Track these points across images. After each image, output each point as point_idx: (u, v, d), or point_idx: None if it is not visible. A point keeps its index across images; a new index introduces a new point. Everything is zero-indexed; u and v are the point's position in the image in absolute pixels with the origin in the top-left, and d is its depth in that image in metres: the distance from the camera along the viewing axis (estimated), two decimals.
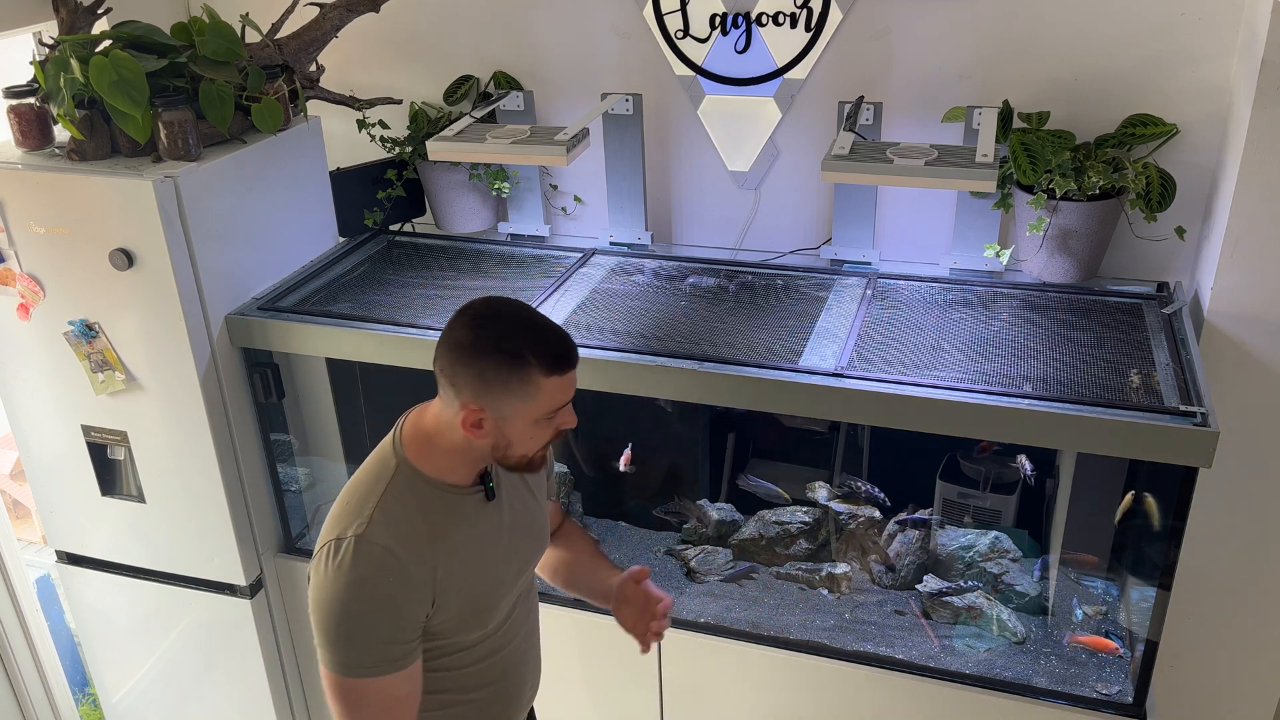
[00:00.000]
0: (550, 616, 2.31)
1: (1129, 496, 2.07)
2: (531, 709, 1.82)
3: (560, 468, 2.56)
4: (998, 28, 2.24)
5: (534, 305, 2.27)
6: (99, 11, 2.30)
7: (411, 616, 1.45)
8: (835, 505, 2.35)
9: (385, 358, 2.19)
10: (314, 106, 2.50)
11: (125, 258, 2.10)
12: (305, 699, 2.67)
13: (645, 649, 1.72)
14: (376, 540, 1.41)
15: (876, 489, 2.33)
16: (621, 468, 2.39)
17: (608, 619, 2.25)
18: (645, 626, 1.72)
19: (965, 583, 2.20)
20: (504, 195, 2.66)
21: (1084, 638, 2.12)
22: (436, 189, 2.64)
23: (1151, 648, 1.95)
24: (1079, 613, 2.17)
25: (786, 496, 2.41)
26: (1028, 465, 2.18)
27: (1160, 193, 2.14)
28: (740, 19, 2.40)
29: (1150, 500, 1.99)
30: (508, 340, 1.41)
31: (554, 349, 1.43)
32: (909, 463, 2.34)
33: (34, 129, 2.21)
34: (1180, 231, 2.21)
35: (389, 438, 1.52)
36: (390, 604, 1.42)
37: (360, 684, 1.42)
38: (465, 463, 1.50)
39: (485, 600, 1.56)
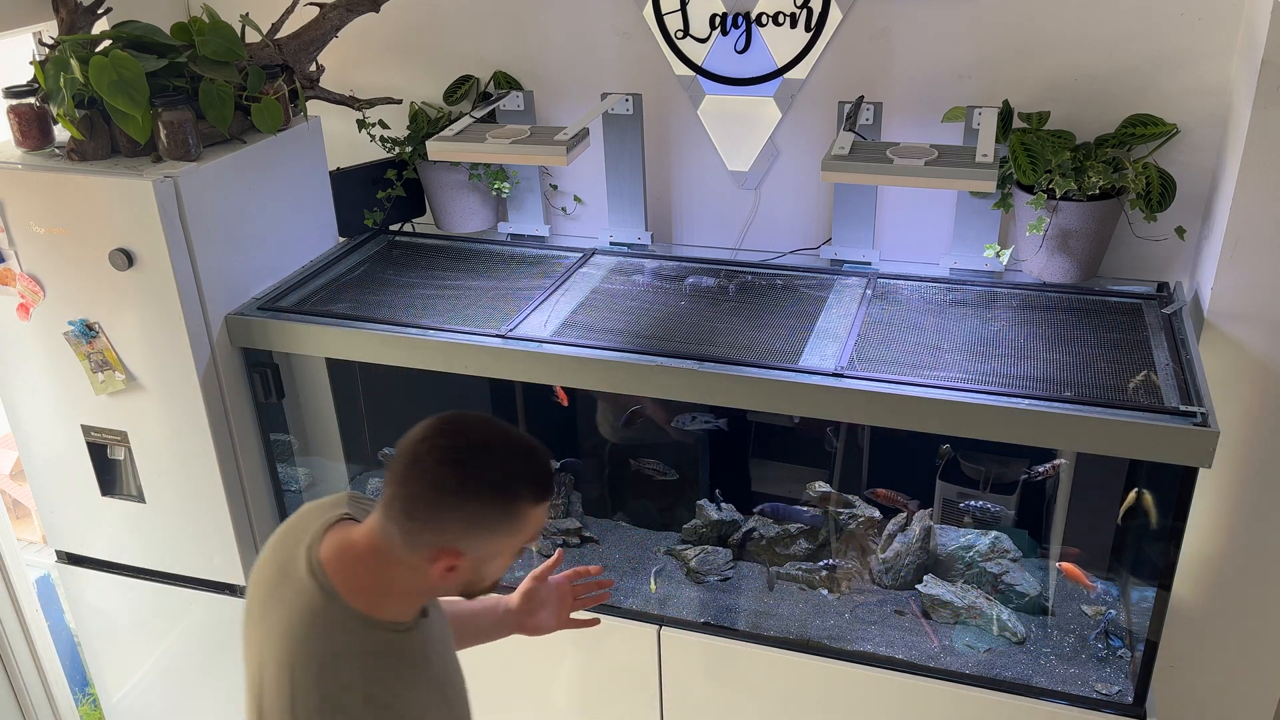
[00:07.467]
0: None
1: (1132, 494, 2.07)
2: None
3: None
4: (998, 28, 2.24)
5: (534, 305, 2.27)
6: (99, 11, 2.30)
7: None
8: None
9: (385, 358, 2.19)
10: (314, 106, 2.50)
11: (125, 258, 2.10)
12: None
13: (594, 621, 1.68)
14: (376, 718, 1.23)
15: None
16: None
17: (605, 618, 2.26)
18: (569, 606, 1.67)
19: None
20: (504, 195, 2.66)
21: (1066, 566, 2.18)
22: (436, 189, 2.64)
23: (1151, 648, 1.95)
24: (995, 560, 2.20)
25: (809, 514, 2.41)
26: (1040, 467, 2.17)
27: (1160, 193, 2.14)
28: (740, 19, 2.40)
29: (1150, 499, 1.99)
30: (499, 475, 1.23)
31: (542, 474, 1.27)
32: (909, 463, 2.34)
33: (34, 129, 2.21)
34: (1180, 231, 2.21)
35: (309, 585, 1.26)
36: None
37: None
38: (423, 597, 1.33)
39: (460, 704, 1.43)
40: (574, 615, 1.71)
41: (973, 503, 2.28)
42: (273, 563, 1.35)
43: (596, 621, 1.73)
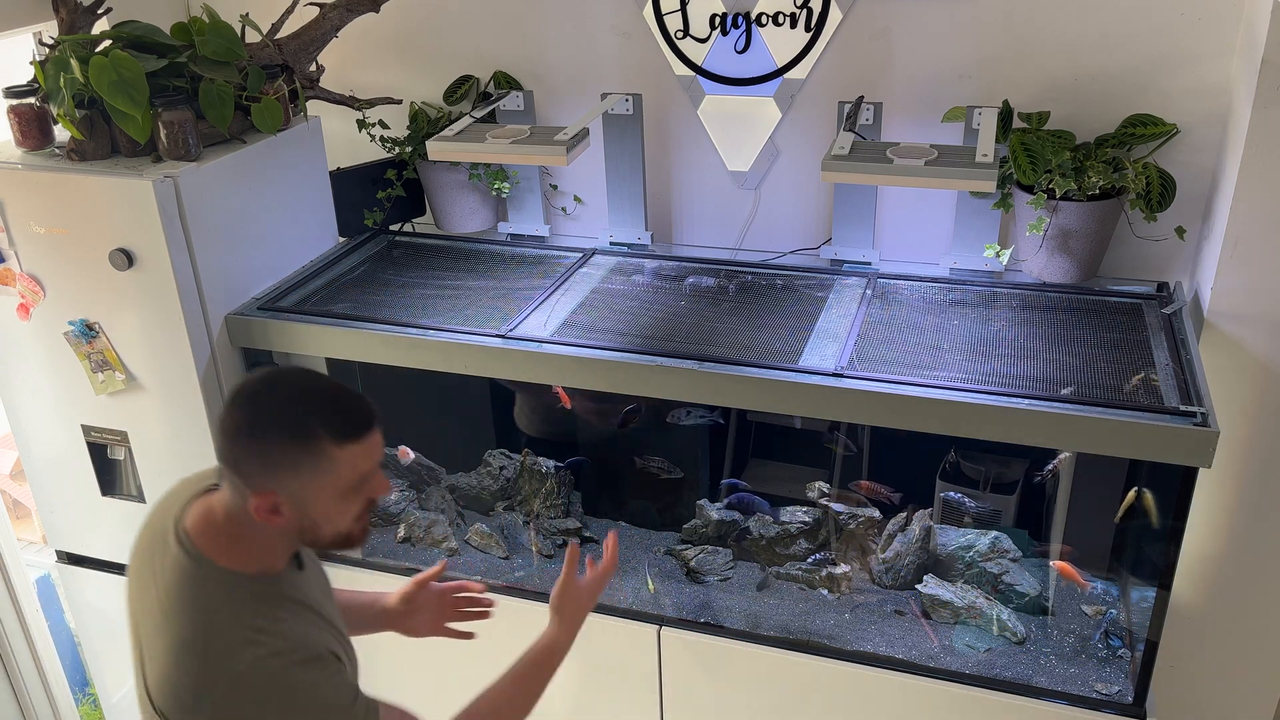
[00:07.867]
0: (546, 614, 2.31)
1: (1132, 494, 2.07)
2: None
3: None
4: (998, 28, 2.24)
5: (534, 305, 2.27)
6: (99, 11, 2.30)
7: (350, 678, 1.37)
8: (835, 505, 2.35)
9: (385, 358, 2.19)
10: (314, 106, 2.50)
11: (125, 258, 2.10)
12: None
13: (469, 634, 1.70)
14: (273, 646, 1.27)
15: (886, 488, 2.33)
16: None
17: (605, 618, 2.26)
18: (448, 616, 1.70)
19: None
20: (504, 195, 2.66)
21: (1061, 564, 2.20)
22: (436, 189, 2.64)
23: (1151, 648, 1.95)
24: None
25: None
26: (1046, 468, 2.18)
27: (1160, 193, 2.14)
28: (740, 19, 2.40)
29: (1150, 499, 1.99)
30: (288, 413, 1.27)
31: (344, 415, 1.29)
32: (909, 462, 2.34)
33: (34, 129, 2.21)
34: (1180, 231, 2.21)
35: (177, 555, 1.32)
36: (331, 664, 1.33)
37: None
38: (282, 547, 1.36)
39: (354, 662, 1.47)
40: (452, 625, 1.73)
41: (952, 493, 2.28)
42: (146, 539, 1.42)
43: (472, 635, 1.74)
